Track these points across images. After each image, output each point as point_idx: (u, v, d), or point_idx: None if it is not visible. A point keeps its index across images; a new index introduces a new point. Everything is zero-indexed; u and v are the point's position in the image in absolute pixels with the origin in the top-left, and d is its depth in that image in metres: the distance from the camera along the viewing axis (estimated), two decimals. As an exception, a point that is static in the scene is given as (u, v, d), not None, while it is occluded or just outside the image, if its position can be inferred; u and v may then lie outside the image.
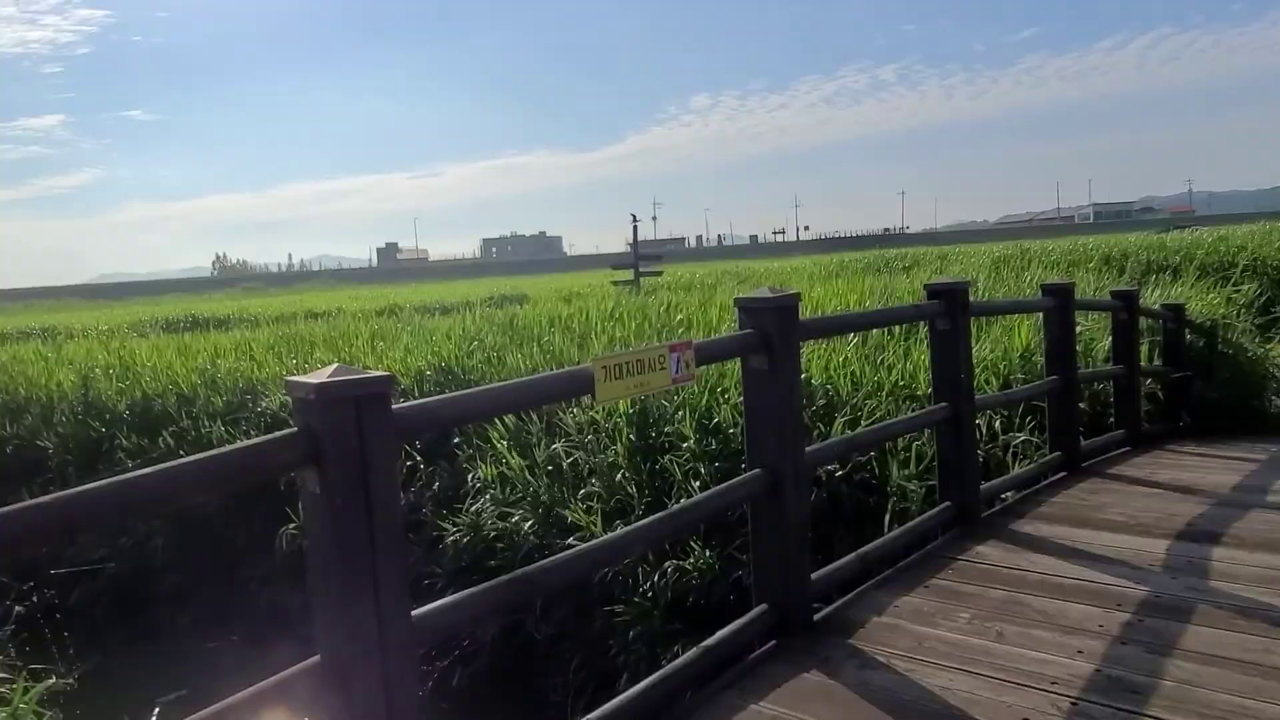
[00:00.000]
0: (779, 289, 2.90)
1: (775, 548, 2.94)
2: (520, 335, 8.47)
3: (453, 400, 2.08)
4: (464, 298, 19.82)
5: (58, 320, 23.15)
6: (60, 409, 8.73)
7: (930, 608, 3.41)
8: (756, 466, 2.91)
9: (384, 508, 1.73)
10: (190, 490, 1.73)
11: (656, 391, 2.47)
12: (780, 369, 2.81)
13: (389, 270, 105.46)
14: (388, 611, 1.71)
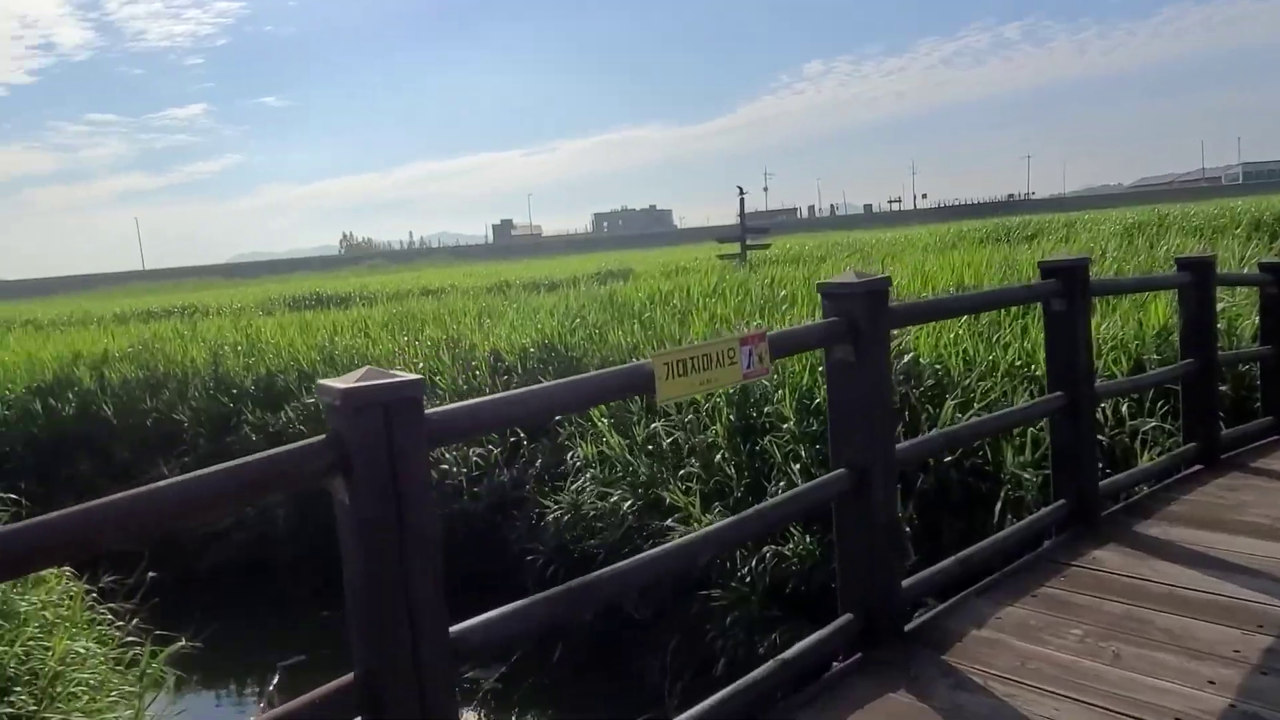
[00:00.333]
0: (866, 273, 2.68)
1: (862, 553, 2.75)
2: (621, 312, 8.44)
3: (495, 403, 1.94)
4: (572, 273, 19.99)
5: (196, 299, 24.63)
6: (194, 384, 9.24)
7: (1037, 621, 3.09)
8: (841, 465, 2.72)
9: (417, 519, 1.65)
10: (209, 505, 1.64)
11: (725, 388, 2.31)
12: (868, 360, 2.61)
13: (503, 247, 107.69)
14: (422, 629, 1.64)
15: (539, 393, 2.07)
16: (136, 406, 9.13)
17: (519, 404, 2.00)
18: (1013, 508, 4.39)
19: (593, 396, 2.51)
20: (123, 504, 1.35)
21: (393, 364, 8.62)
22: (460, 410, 1.90)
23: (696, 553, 2.23)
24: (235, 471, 1.51)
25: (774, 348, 2.31)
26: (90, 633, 4.69)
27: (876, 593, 2.76)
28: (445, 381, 7.95)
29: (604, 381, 2.21)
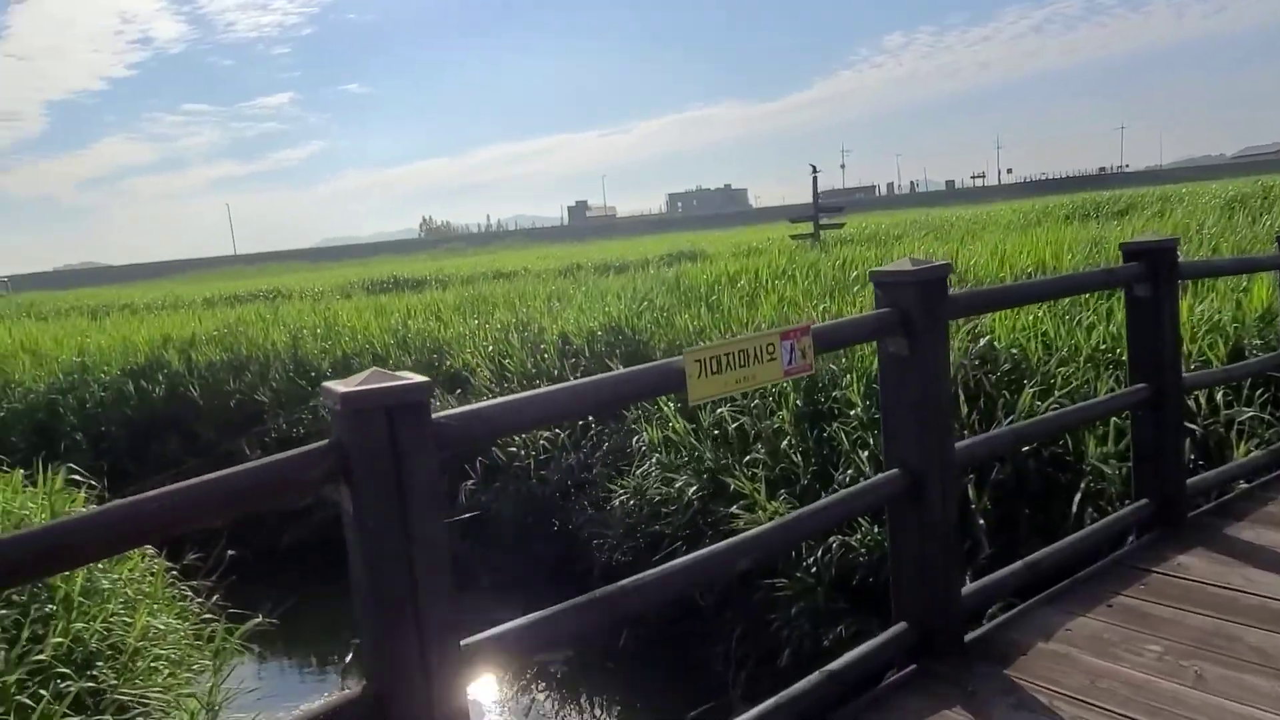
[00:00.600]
0: (923, 259, 2.50)
1: (916, 559, 2.57)
2: (688, 295, 8.35)
3: (510, 405, 1.84)
4: (643, 255, 19.95)
5: (280, 283, 25.43)
6: (274, 366, 9.50)
7: (1112, 634, 2.82)
8: (894, 465, 2.55)
9: (424, 528, 1.57)
10: (201, 514, 1.54)
11: (763, 386, 2.17)
12: (923, 353, 2.44)
13: (578, 228, 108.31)
14: (431, 642, 1.57)
15: (558, 394, 1.95)
16: (221, 388, 9.44)
17: (537, 406, 1.88)
18: (1093, 501, 4.18)
19: (618, 397, 2.47)
20: (101, 520, 1.30)
21: (463, 347, 8.72)
22: (471, 414, 1.79)
23: (732, 560, 2.09)
24: (232, 479, 1.45)
25: (819, 342, 2.17)
26: (171, 609, 4.87)
27: (932, 602, 2.59)
28: (514, 364, 7.99)
29: (630, 381, 2.07)
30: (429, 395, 1.60)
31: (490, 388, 7.89)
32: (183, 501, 1.41)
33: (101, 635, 3.67)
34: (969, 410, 4.76)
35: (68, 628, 3.45)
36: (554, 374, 7.63)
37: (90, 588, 3.82)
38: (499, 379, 7.99)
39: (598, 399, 2.14)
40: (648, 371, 2.13)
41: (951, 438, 2.66)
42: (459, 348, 8.69)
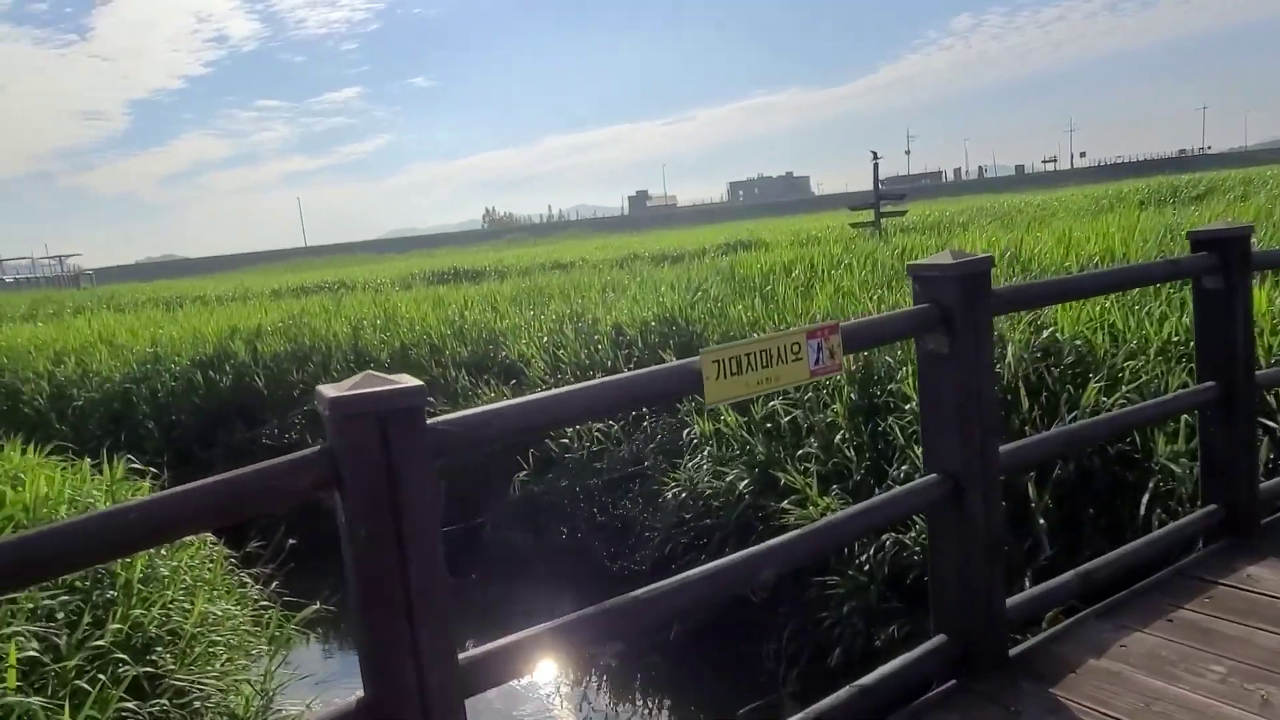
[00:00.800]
0: (964, 252, 2.38)
1: (957, 569, 2.43)
2: (742, 285, 8.24)
3: (512, 410, 1.74)
4: (701, 244, 19.83)
5: (345, 274, 25.97)
6: (335, 357, 9.68)
7: (1170, 652, 2.61)
8: (933, 470, 2.42)
9: (419, 538, 1.50)
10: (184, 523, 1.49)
11: (788, 387, 2.06)
12: (963, 351, 2.30)
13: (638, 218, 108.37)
14: (427, 655, 1.50)
15: (565, 397, 1.85)
16: (285, 378, 9.66)
17: (543, 410, 1.78)
18: (1162, 501, 3.99)
19: (630, 400, 2.28)
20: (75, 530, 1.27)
21: (518, 338, 8.76)
22: (471, 419, 1.69)
23: (755, 570, 1.99)
24: (218, 486, 1.40)
25: (849, 340, 2.06)
26: (231, 596, 4.99)
27: (974, 614, 2.45)
28: (568, 355, 8.00)
29: (644, 383, 1.95)
30: (423, 400, 1.53)
31: (544, 379, 7.92)
32: (164, 510, 1.37)
33: (160, 621, 3.76)
34: (1030, 405, 4.60)
35: (127, 614, 3.55)
36: (607, 365, 7.62)
37: (150, 575, 3.92)
38: (553, 370, 8.01)
39: (610, 401, 2.05)
40: (663, 373, 2.03)
41: (996, 441, 2.51)
42: (514, 339, 8.74)
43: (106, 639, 3.40)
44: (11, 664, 2.83)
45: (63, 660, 3.21)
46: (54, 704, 2.90)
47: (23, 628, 3.08)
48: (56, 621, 3.39)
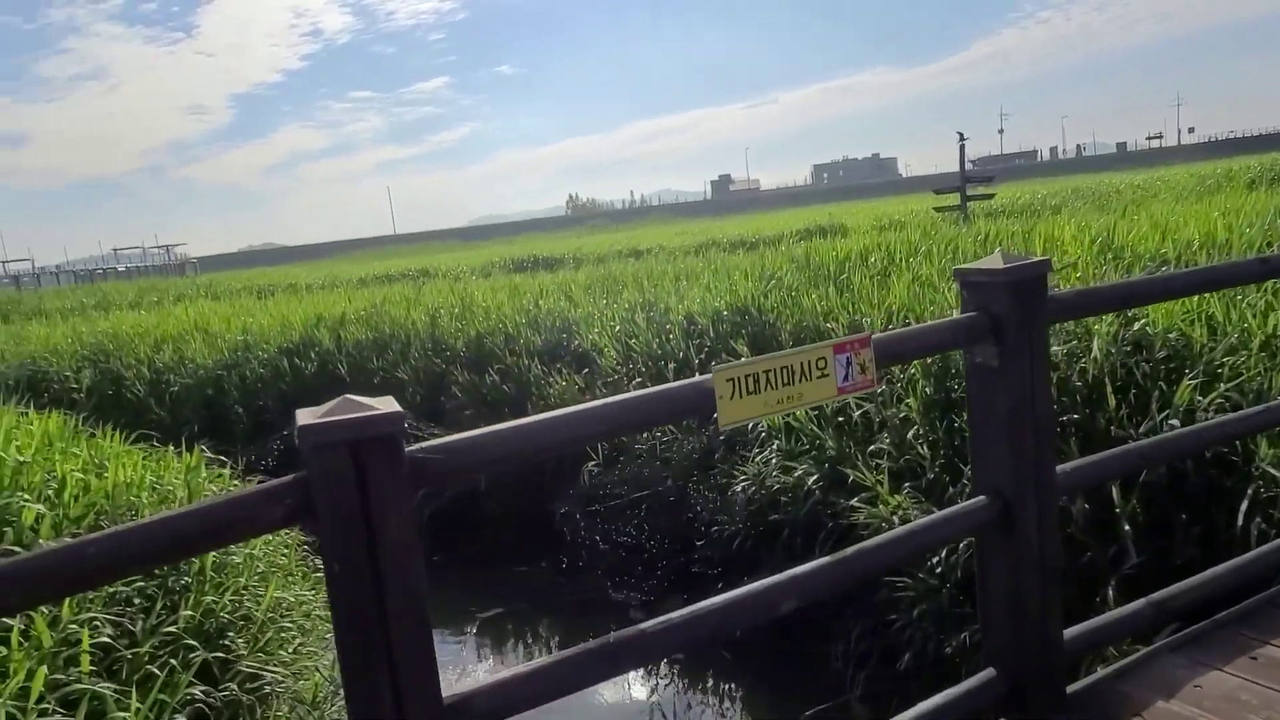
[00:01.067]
0: (1017, 255, 2.18)
1: (1008, 597, 2.24)
2: (817, 273, 8.04)
3: (502, 435, 1.61)
4: (781, 230, 19.51)
5: (430, 262, 26.50)
6: (414, 345, 9.86)
7: (1252, 695, 2.34)
8: (983, 490, 2.23)
9: (397, 574, 1.41)
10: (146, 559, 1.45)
11: (814, 405, 1.90)
12: (1016, 364, 2.12)
13: (721, 203, 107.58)
14: (408, 695, 1.41)
15: (560, 421, 1.71)
16: (366, 365, 9.89)
17: (538, 434, 1.67)
18: (1262, 509, 3.71)
19: (632, 422, 2.01)
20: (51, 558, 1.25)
21: (591, 327, 8.76)
22: (456, 445, 1.57)
23: (777, 601, 1.87)
24: (183, 519, 1.35)
25: (883, 353, 1.90)
26: (306, 581, 5.11)
27: (1027, 647, 2.26)
28: (640, 345, 7.96)
29: (651, 403, 1.78)
30: (401, 426, 1.43)
31: (616, 368, 7.90)
32: (124, 546, 1.30)
33: (232, 607, 3.87)
34: (1117, 404, 4.34)
35: (199, 599, 3.65)
36: (679, 356, 7.55)
37: (223, 562, 4.03)
38: (625, 359, 7.98)
39: (613, 424, 1.89)
40: (673, 392, 1.84)
41: (1052, 460, 2.31)
42: (587, 327, 8.74)
43: (180, 624, 3.51)
44: (84, 649, 2.94)
45: (138, 645, 3.33)
46: (124, 689, 3.00)
47: (99, 614, 3.19)
48: (134, 606, 3.52)
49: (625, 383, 7.58)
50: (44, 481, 3.68)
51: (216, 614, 3.75)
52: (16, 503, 3.44)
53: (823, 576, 2.05)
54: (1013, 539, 2.20)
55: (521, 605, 6.62)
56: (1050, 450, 2.26)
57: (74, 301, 23.32)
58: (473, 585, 7.06)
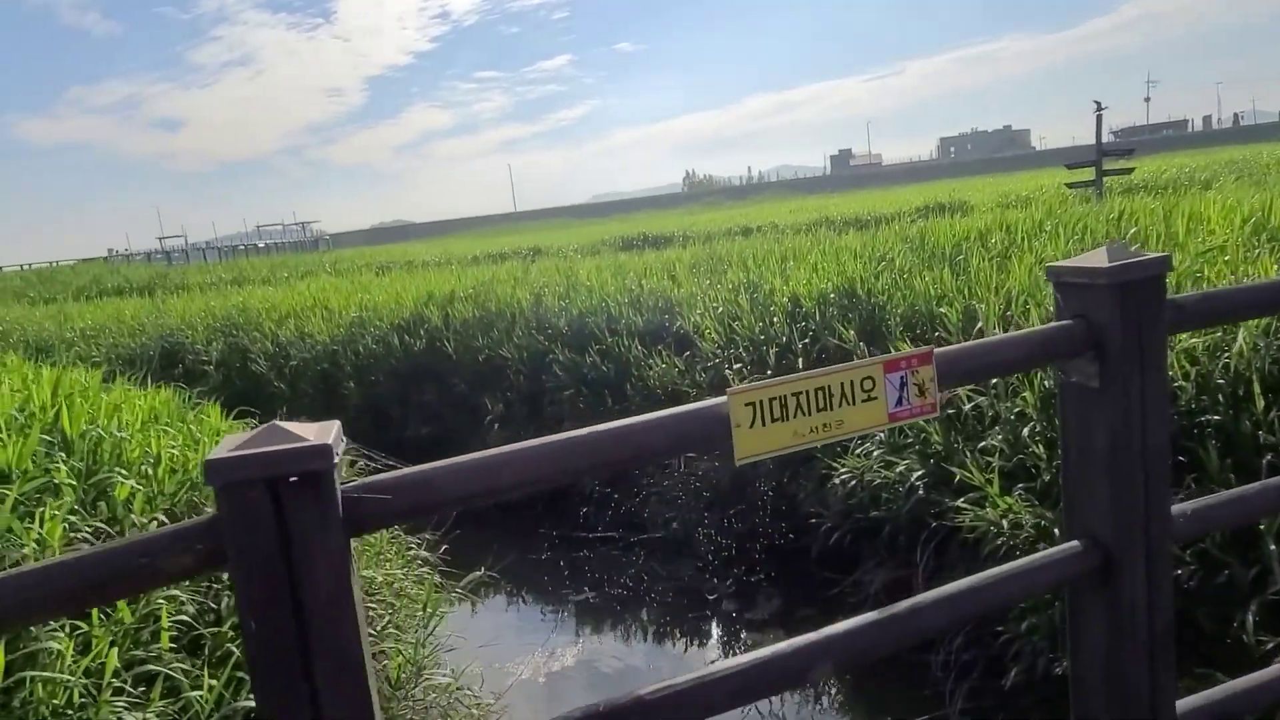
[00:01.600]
0: (1129, 250, 1.76)
1: (1105, 661, 1.89)
2: (932, 254, 7.58)
3: (460, 470, 1.36)
4: (898, 207, 18.73)
5: (541, 240, 26.79)
6: (519, 323, 9.90)
7: None
8: (1077, 535, 1.88)
9: (327, 632, 1.20)
10: (34, 613, 1.23)
11: (857, 435, 1.61)
12: (1121, 385, 1.74)
13: (840, 178, 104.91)
14: None
15: (535, 454, 1.43)
16: (472, 343, 9.99)
17: (505, 469, 1.38)
18: None
19: (623, 456, 1.59)
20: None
21: (693, 307, 8.57)
22: (403, 482, 1.33)
23: (804, 666, 1.57)
24: (78, 566, 1.17)
25: (950, 372, 1.57)
26: (399, 559, 5.17)
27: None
28: (743, 327, 7.73)
29: (644, 433, 1.47)
30: (330, 460, 1.20)
31: (716, 352, 7.70)
32: (6, 597, 1.13)
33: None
34: (1267, 406, 3.86)
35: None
36: (781, 340, 7.28)
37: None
38: (727, 342, 7.76)
39: (597, 457, 1.52)
40: (671, 420, 1.51)
41: (1167, 502, 1.93)
42: (689, 308, 8.56)
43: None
44: (164, 626, 2.99)
45: (222, 622, 3.39)
46: (197, 665, 3.04)
47: (184, 591, 3.25)
48: (222, 583, 3.59)
49: (726, 366, 7.37)
50: (142, 457, 3.78)
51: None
52: (115, 478, 3.54)
53: (866, 638, 1.75)
54: (1113, 597, 1.85)
55: (612, 589, 6.55)
56: (1164, 490, 1.91)
57: (214, 276, 24.70)
58: (568, 562, 7.04)
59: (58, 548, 2.91)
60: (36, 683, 2.48)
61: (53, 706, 2.51)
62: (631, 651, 5.78)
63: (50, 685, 2.50)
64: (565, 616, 6.35)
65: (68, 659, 2.56)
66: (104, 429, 3.73)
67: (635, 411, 6.60)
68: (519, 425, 8.76)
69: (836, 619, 5.32)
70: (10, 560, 2.78)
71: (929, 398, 1.61)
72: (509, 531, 7.46)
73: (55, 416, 3.79)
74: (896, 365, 1.56)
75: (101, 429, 3.73)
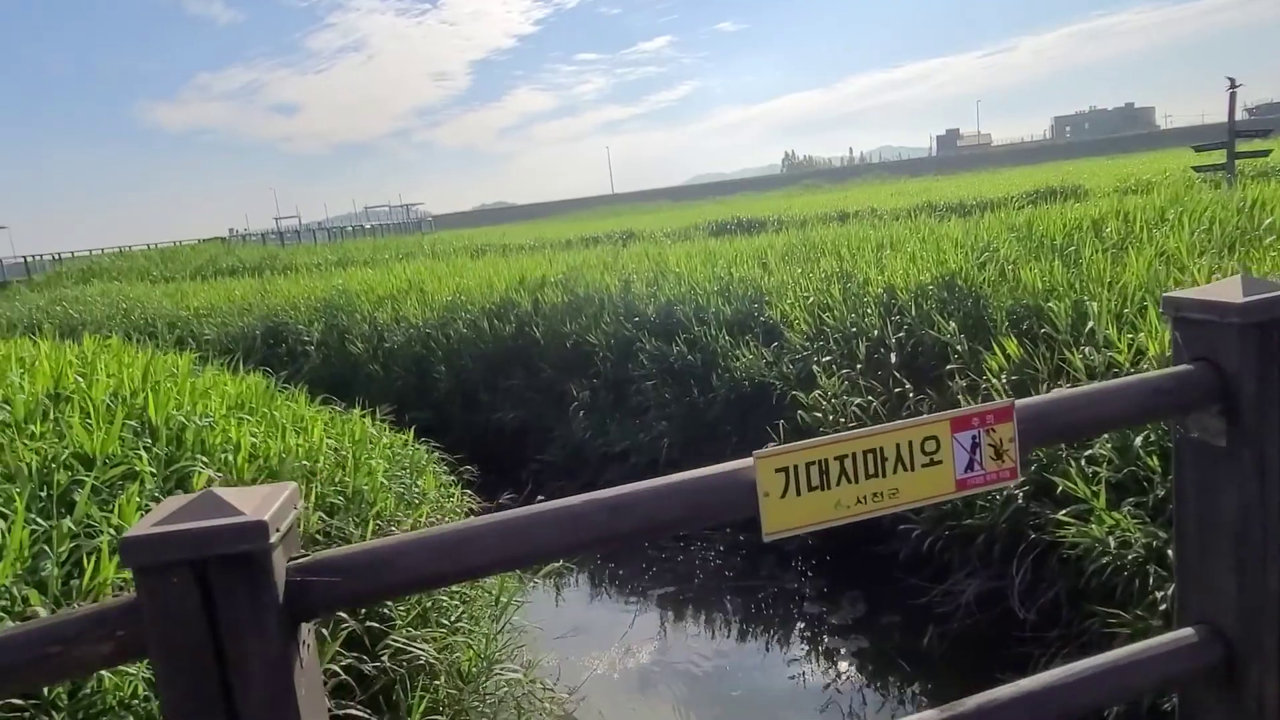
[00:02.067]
0: (1265, 280, 1.44)
1: None
2: (1041, 244, 7.13)
3: (424, 546, 1.17)
4: (1007, 191, 17.86)
5: (635, 224, 26.70)
6: (607, 309, 9.84)
7: None
8: (1191, 622, 1.60)
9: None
10: None
11: (914, 506, 1.34)
12: (1256, 445, 1.43)
13: (946, 159, 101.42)
14: None
15: (511, 528, 1.22)
16: (559, 329, 9.98)
17: (474, 547, 1.18)
18: None
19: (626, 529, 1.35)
20: None
21: (783, 297, 8.32)
22: (355, 562, 1.16)
23: None
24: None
25: (1036, 428, 1.29)
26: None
27: None
28: (834, 319, 7.47)
29: (650, 502, 1.26)
30: (266, 539, 1.04)
31: (805, 344, 7.45)
32: None
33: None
34: None
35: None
36: (874, 334, 6.99)
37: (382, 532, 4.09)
38: (816, 334, 7.51)
39: (586, 535, 1.30)
40: (683, 487, 1.28)
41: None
42: (779, 298, 8.32)
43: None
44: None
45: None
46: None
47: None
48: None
49: (814, 359, 7.13)
50: (224, 444, 3.84)
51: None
52: (196, 466, 3.60)
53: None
54: (1236, 700, 1.56)
55: (693, 584, 6.43)
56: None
57: (320, 258, 25.54)
58: (653, 553, 6.96)
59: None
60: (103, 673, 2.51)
61: (118, 698, 2.54)
62: (712, 649, 5.65)
63: (118, 674, 2.52)
64: (646, 609, 6.26)
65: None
66: (186, 416, 3.80)
67: (719, 404, 6.36)
68: (604, 413, 8.71)
69: (925, 629, 5.05)
70: (88, 550, 2.83)
71: (1009, 463, 1.33)
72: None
73: (145, 403, 3.88)
74: (967, 422, 1.30)
75: (184, 416, 3.80)
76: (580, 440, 8.68)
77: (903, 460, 1.31)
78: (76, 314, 15.91)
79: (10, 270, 38.37)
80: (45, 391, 3.69)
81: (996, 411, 1.34)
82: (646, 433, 8.08)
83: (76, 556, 2.81)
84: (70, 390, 3.88)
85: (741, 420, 7.40)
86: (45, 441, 3.30)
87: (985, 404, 1.34)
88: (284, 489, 1.11)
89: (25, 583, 2.57)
